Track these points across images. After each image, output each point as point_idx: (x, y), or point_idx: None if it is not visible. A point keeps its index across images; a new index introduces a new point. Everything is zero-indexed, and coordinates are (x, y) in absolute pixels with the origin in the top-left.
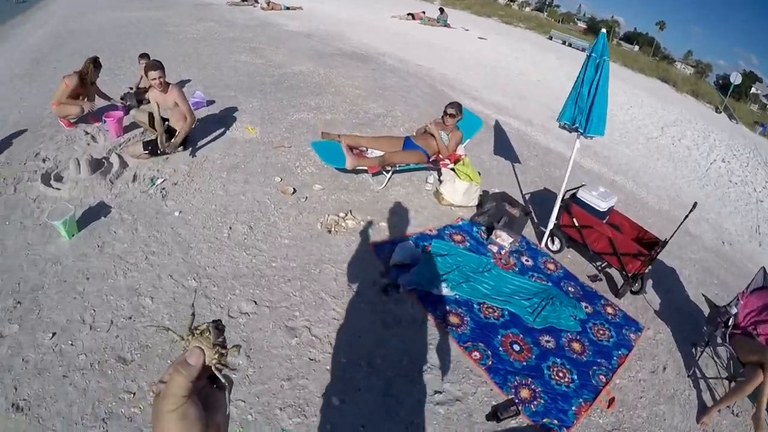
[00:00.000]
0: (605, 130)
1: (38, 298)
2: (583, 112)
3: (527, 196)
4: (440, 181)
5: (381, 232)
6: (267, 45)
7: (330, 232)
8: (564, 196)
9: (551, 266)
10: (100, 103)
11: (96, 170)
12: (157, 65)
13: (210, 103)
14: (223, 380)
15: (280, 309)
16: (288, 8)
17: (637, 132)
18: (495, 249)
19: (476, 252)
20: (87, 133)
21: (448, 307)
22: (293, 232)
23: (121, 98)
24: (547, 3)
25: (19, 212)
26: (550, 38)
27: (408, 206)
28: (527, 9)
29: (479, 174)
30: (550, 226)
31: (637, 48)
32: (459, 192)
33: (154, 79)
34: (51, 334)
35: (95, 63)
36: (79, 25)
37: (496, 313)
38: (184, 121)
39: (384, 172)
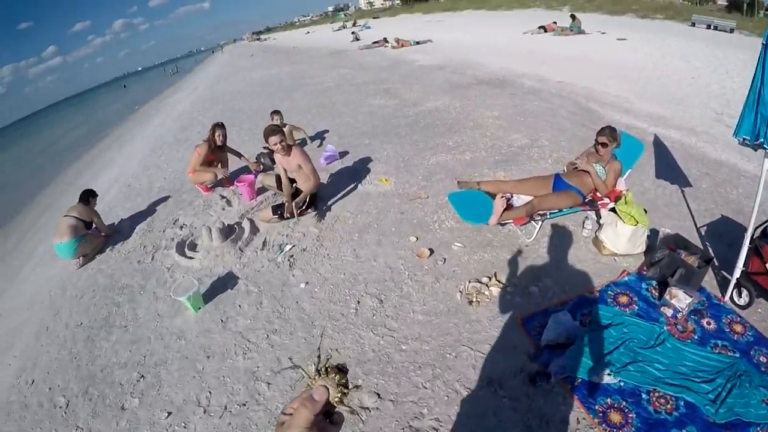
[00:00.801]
0: None
1: (160, 373)
2: None
3: (703, 231)
4: (599, 225)
5: (531, 300)
6: (400, 84)
7: (471, 303)
8: (753, 234)
9: (738, 328)
10: (234, 164)
11: (227, 237)
12: (275, 130)
13: (343, 154)
14: (348, 409)
15: (405, 404)
16: (418, 43)
17: None
18: (669, 312)
19: (646, 317)
20: (223, 197)
21: (609, 400)
22: (428, 305)
23: (257, 158)
24: None
25: (154, 282)
26: (693, 24)
27: (563, 261)
28: None
29: (645, 211)
30: (737, 274)
31: None
32: (623, 238)
33: (275, 144)
34: (167, 414)
35: (217, 127)
36: (223, 88)
37: (668, 405)
38: (310, 182)
39: (533, 222)
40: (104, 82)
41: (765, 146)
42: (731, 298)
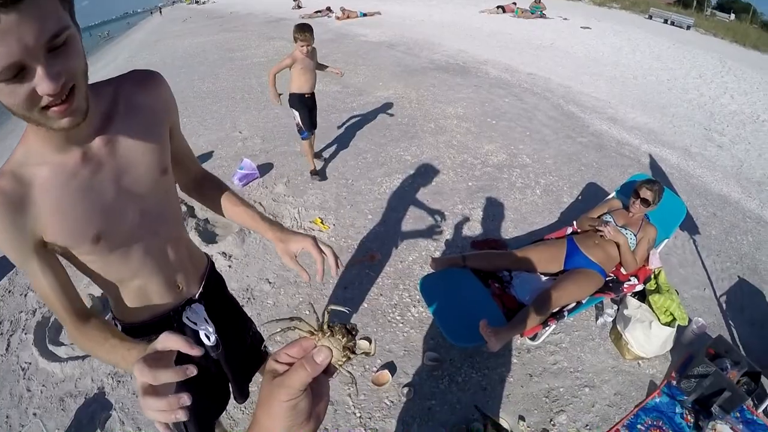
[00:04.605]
0: None
1: None
2: None
3: (724, 304)
4: (617, 314)
5: None
6: (344, 63)
7: None
8: None
9: None
10: None
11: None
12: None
13: (265, 169)
14: (347, 375)
15: None
16: (365, 15)
17: None
18: None
19: None
20: None
21: None
22: None
23: None
24: None
25: (7, 395)
26: (650, 17)
27: (578, 375)
28: None
29: (677, 293)
30: None
31: (733, 17)
32: (656, 341)
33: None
34: None
35: None
36: (143, 59)
37: None
38: None
39: (544, 327)
40: None
41: None
42: (765, 411)
